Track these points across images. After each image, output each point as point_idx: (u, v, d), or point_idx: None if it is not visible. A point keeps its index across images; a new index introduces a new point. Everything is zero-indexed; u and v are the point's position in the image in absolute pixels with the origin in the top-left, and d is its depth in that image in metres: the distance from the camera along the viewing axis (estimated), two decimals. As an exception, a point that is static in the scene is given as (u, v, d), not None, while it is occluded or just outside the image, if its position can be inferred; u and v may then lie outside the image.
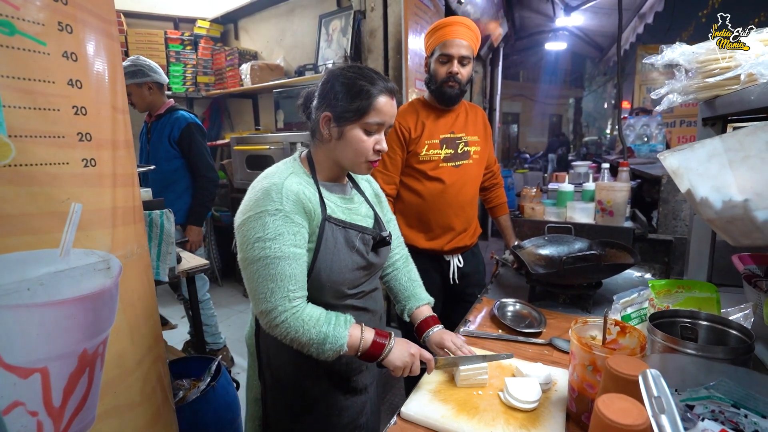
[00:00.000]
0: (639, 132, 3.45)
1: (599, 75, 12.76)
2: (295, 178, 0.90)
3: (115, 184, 0.89)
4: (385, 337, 0.92)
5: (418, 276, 1.22)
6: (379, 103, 0.89)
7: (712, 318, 0.88)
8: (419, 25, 2.65)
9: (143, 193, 1.22)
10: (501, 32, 4.78)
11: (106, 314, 0.86)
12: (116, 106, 0.90)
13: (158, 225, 1.38)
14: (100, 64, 0.85)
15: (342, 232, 0.94)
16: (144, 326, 0.99)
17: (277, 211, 0.84)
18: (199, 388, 1.37)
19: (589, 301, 1.37)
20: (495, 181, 1.81)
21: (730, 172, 0.56)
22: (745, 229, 0.57)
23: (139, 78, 2.15)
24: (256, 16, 3.65)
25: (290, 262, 0.85)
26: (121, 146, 0.91)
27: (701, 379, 0.75)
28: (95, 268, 0.84)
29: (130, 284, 0.93)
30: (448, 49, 1.46)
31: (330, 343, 0.85)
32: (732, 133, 0.57)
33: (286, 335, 0.85)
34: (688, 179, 0.66)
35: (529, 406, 0.87)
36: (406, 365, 0.92)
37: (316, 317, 0.87)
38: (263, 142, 2.99)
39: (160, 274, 1.43)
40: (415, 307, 1.15)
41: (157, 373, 1.04)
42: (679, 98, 1.17)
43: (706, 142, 0.62)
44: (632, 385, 0.56)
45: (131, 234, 0.95)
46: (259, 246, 0.83)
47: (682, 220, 1.77)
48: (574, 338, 0.83)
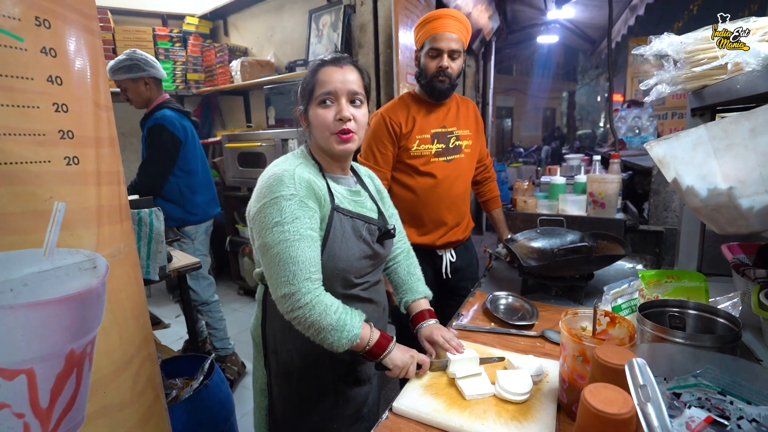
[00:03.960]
0: (631, 124, 3.47)
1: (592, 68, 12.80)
2: (304, 167, 0.93)
3: (99, 182, 0.87)
4: (388, 340, 0.95)
5: (418, 270, 1.24)
6: (322, 75, 0.92)
7: (700, 307, 0.88)
8: (410, 19, 2.63)
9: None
10: (493, 26, 4.77)
11: (93, 314, 0.85)
12: (99, 103, 0.88)
13: (147, 223, 1.36)
14: (81, 60, 0.84)
15: (350, 222, 0.96)
16: (133, 325, 0.98)
17: (292, 196, 0.86)
18: (192, 387, 1.37)
19: (581, 293, 1.38)
20: (487, 174, 1.80)
21: (714, 160, 0.56)
22: (730, 216, 0.58)
23: (134, 73, 2.05)
24: (245, 12, 3.61)
25: (309, 244, 0.86)
26: (105, 144, 0.90)
27: (689, 367, 0.76)
28: (81, 268, 0.82)
29: (117, 283, 0.92)
30: (438, 43, 1.45)
31: (347, 331, 0.86)
32: (716, 121, 0.57)
33: (307, 318, 0.84)
34: (674, 168, 0.66)
35: (521, 398, 0.87)
36: (405, 365, 0.95)
37: (337, 304, 0.88)
38: (255, 139, 2.96)
39: (150, 273, 1.42)
40: (412, 300, 1.17)
41: (147, 372, 1.03)
42: (668, 89, 1.17)
43: (691, 131, 0.62)
44: (619, 375, 0.56)
45: (118, 233, 0.94)
46: (278, 230, 0.84)
47: (672, 211, 1.78)
48: (564, 329, 0.83)
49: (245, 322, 3.10)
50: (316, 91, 0.93)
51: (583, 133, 13.39)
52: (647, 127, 3.42)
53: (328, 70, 0.93)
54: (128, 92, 2.10)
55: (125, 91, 2.11)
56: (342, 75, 0.93)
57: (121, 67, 2.03)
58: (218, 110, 4.15)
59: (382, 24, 2.56)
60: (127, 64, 2.03)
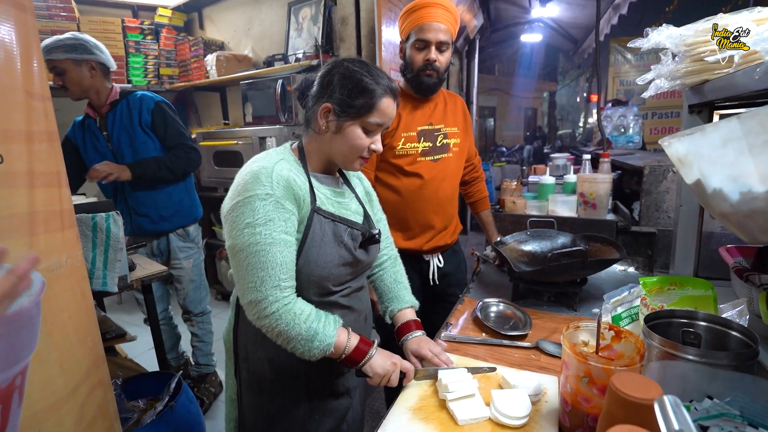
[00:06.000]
0: (616, 123, 3.46)
1: (573, 69, 12.98)
2: (285, 164, 0.87)
3: (32, 184, 0.75)
4: (369, 345, 0.89)
5: (404, 278, 1.18)
6: (383, 104, 0.88)
7: (711, 318, 0.81)
8: (393, 12, 2.54)
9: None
10: (476, 24, 4.72)
11: (23, 340, 0.72)
12: (32, 92, 0.75)
13: (104, 229, 1.23)
14: (7, 40, 0.71)
15: (331, 225, 0.90)
16: (79, 349, 0.85)
17: (267, 196, 0.81)
18: (156, 409, 1.24)
19: (575, 299, 1.31)
20: (476, 174, 1.72)
21: (750, 158, 0.48)
22: (767, 224, 0.50)
23: (78, 54, 1.67)
24: (221, 5, 3.45)
25: (281, 249, 0.81)
26: (39, 139, 0.77)
27: (704, 388, 0.68)
28: (8, 286, 0.70)
29: (57, 302, 0.79)
30: (425, 34, 1.35)
31: (319, 341, 0.82)
32: (752, 113, 0.49)
33: (274, 328, 0.81)
34: (698, 168, 0.58)
35: (519, 423, 0.79)
36: (387, 373, 0.89)
37: (308, 312, 0.83)
38: (231, 137, 2.82)
39: (107, 284, 1.28)
40: (397, 310, 1.11)
41: (97, 401, 0.90)
42: (666, 84, 1.11)
43: (720, 125, 0.54)
44: (644, 411, 0.48)
45: (58, 242, 0.81)
46: (248, 232, 0.80)
47: (664, 212, 1.74)
48: (566, 347, 0.75)
49: (223, 328, 2.95)
50: (369, 116, 0.87)
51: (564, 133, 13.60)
52: (632, 126, 3.41)
53: (390, 103, 0.90)
54: (66, 76, 1.69)
55: (62, 74, 1.69)
56: (394, 111, 0.92)
57: (61, 45, 1.65)
58: (194, 107, 3.97)
59: (364, 17, 2.46)
60: (71, 43, 1.67)
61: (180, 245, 2.00)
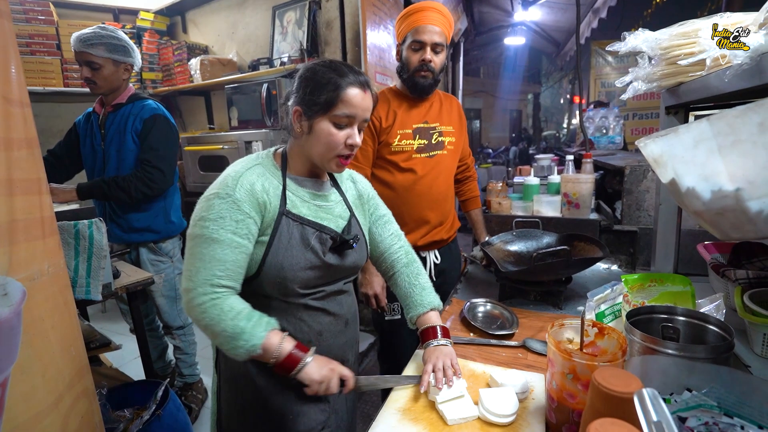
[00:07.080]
0: (598, 124, 3.53)
1: (556, 71, 13.21)
2: (258, 169, 0.90)
3: (11, 192, 0.73)
4: (304, 352, 0.88)
5: (421, 277, 1.12)
6: (348, 95, 0.87)
7: (689, 313, 0.84)
8: (377, 16, 2.55)
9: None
10: (461, 27, 4.77)
11: (3, 352, 0.70)
12: (9, 97, 0.74)
13: (87, 237, 1.20)
14: (-16, 45, 0.70)
15: (298, 228, 0.91)
16: (61, 359, 0.83)
17: (226, 196, 0.84)
18: (143, 419, 1.22)
19: (560, 297, 1.33)
20: (468, 174, 1.75)
21: (719, 158, 0.50)
22: (737, 221, 0.52)
23: (120, 55, 1.69)
24: (205, 8, 3.42)
25: (224, 248, 0.83)
26: (18, 146, 0.75)
27: (683, 381, 0.70)
28: (-13, 296, 0.68)
29: (38, 311, 0.78)
30: (421, 36, 1.39)
31: (244, 340, 0.81)
32: (720, 114, 0.52)
33: (200, 320, 0.82)
34: (672, 168, 0.60)
35: (507, 420, 0.80)
36: (324, 379, 0.87)
37: (237, 310, 0.83)
38: (216, 141, 2.79)
39: (91, 293, 1.26)
40: (416, 316, 1.06)
41: (82, 411, 0.89)
42: (643, 86, 1.14)
43: (692, 126, 0.56)
44: (625, 404, 0.49)
45: (39, 251, 0.80)
46: (200, 225, 0.84)
47: (645, 211, 1.78)
48: (551, 344, 0.77)
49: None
50: (336, 108, 0.87)
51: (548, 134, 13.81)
52: (614, 127, 3.49)
53: (356, 93, 0.88)
54: (101, 73, 1.68)
55: (98, 69, 1.68)
56: (365, 101, 0.90)
57: (103, 43, 1.65)
58: (178, 111, 3.91)
59: (349, 21, 2.47)
60: (114, 43, 1.67)
61: (150, 258, 1.91)
